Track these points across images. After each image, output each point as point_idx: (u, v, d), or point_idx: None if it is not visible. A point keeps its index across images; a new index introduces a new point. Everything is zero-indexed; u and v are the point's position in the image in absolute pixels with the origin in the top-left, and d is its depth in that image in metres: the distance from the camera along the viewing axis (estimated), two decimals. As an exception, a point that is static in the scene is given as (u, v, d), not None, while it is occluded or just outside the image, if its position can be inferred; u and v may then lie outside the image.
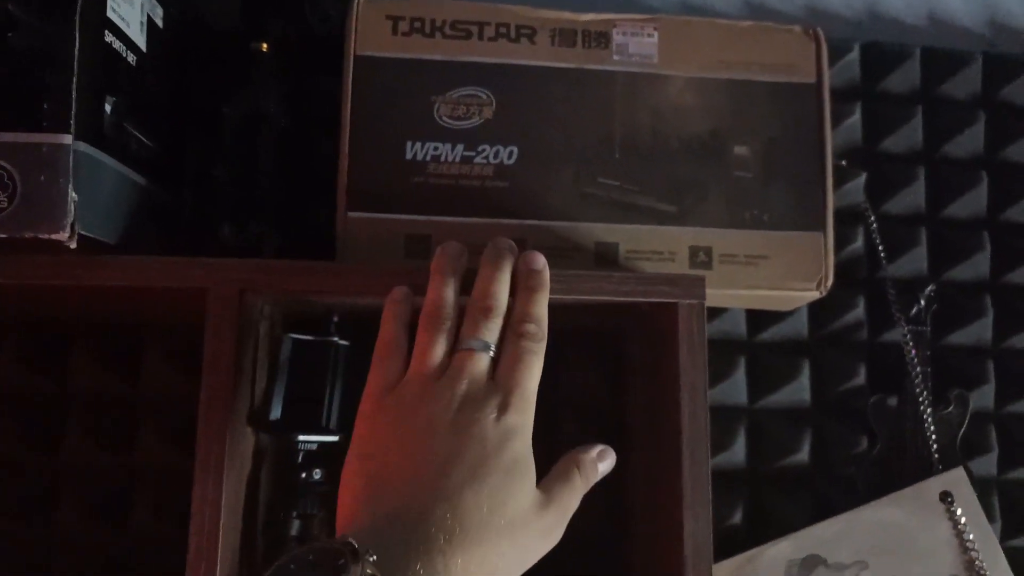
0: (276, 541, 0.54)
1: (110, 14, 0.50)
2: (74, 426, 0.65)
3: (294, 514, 0.54)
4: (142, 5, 0.55)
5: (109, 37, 0.51)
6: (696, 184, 0.61)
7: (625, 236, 0.60)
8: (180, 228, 0.61)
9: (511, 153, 0.60)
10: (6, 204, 0.45)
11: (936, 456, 0.67)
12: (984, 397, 0.71)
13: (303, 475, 0.54)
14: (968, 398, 0.69)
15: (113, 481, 0.64)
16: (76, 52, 0.46)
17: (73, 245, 0.47)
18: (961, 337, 0.72)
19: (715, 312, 0.70)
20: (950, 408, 0.69)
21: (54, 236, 0.46)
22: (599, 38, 0.62)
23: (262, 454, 0.57)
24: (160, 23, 0.59)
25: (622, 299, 0.53)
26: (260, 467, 0.57)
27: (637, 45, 0.62)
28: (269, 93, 0.61)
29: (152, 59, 0.57)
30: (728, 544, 0.65)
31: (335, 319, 0.56)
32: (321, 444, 0.55)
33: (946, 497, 0.65)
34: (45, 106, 0.46)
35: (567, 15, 0.62)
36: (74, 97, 0.46)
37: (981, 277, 0.73)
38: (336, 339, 0.56)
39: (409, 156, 0.59)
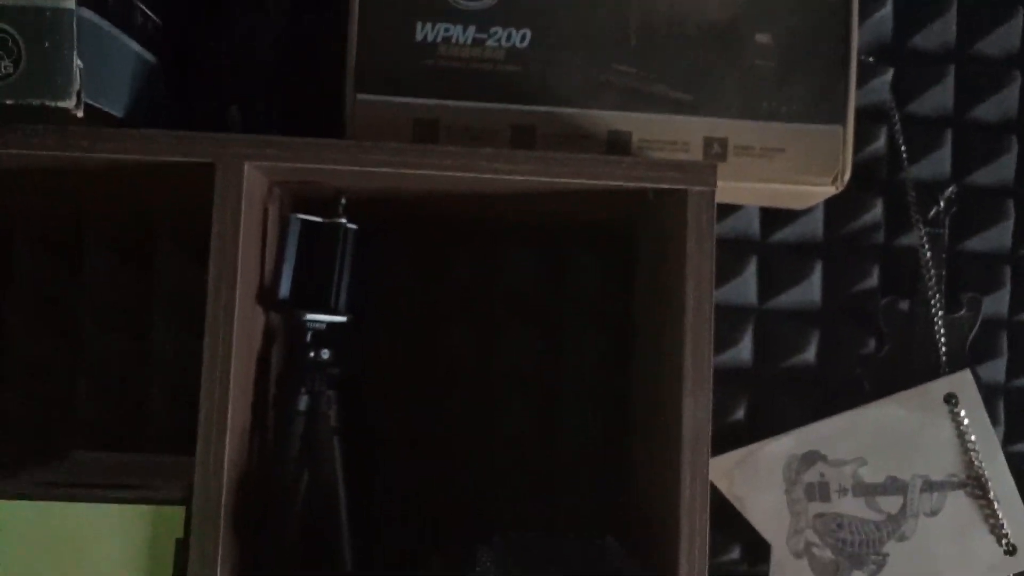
0: (286, 415, 0.55)
1: None
2: (90, 317, 0.66)
3: (303, 390, 0.55)
4: None
5: (111, -99, 0.49)
6: (713, 72, 0.59)
7: (638, 125, 0.58)
8: (186, 108, 0.61)
9: (524, 36, 0.58)
10: (12, 70, 0.45)
11: (944, 359, 0.67)
12: (998, 303, 0.70)
13: (311, 354, 0.55)
14: (981, 302, 0.68)
15: (129, 368, 0.66)
16: (77, -86, 0.45)
17: (80, 114, 0.47)
18: (979, 243, 0.71)
19: (728, 209, 0.69)
20: (962, 311, 0.68)
21: (60, 104, 0.46)
22: (619, -83, 0.59)
23: (272, 335, 0.58)
24: None
25: (631, 184, 0.52)
26: (270, 346, 0.58)
27: (658, -75, 0.59)
28: (276, -31, 0.60)
29: (157, -70, 0.55)
30: (730, 440, 0.66)
31: (343, 202, 0.56)
32: (329, 324, 0.56)
33: (951, 399, 0.65)
34: (47, -32, 0.45)
35: None
36: (76, -40, 0.45)
37: (1005, 181, 0.71)
38: (344, 221, 0.56)
39: (419, 37, 0.58)
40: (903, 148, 0.70)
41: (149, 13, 0.55)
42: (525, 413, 0.67)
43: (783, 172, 0.59)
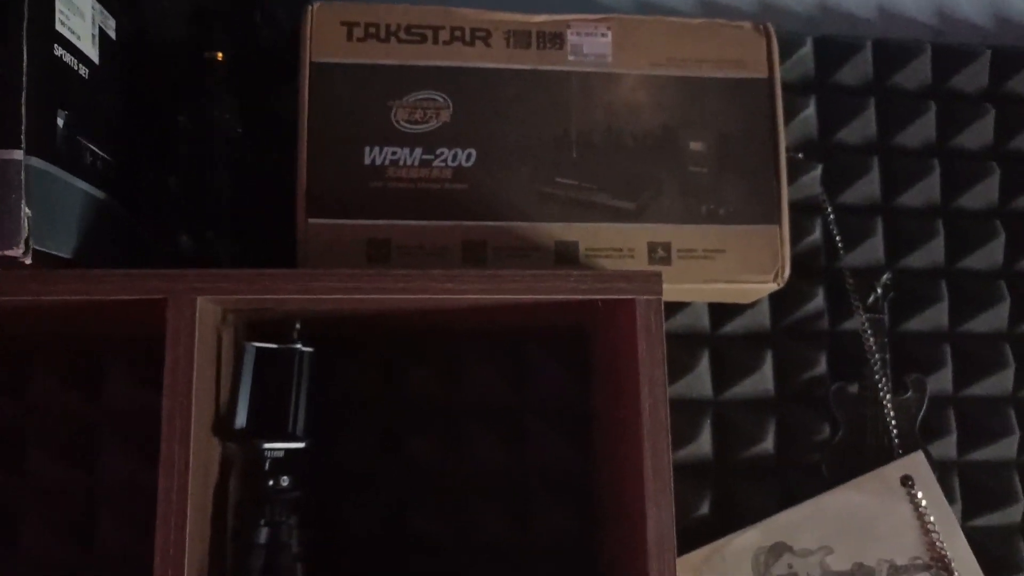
0: (245, 548, 0.54)
1: (59, 27, 0.50)
2: (36, 444, 0.64)
3: (262, 521, 0.54)
4: (93, 18, 0.55)
5: (59, 51, 0.51)
6: (652, 180, 0.62)
7: (584, 234, 0.60)
8: (137, 239, 0.61)
9: (469, 155, 0.60)
10: (-42, 221, 0.45)
11: (896, 441, 0.68)
12: (942, 381, 0.72)
13: (270, 482, 0.55)
14: (925, 383, 0.70)
15: (78, 498, 0.64)
16: (24, 67, 0.46)
17: (28, 261, 0.47)
18: (918, 323, 0.73)
19: (677, 306, 0.71)
20: (908, 393, 0.70)
21: (8, 252, 0.46)
22: (554, 39, 0.63)
23: (229, 462, 0.57)
24: (113, 35, 0.59)
25: (581, 296, 0.53)
26: (228, 475, 0.57)
27: (591, 45, 0.63)
28: (223, 102, 0.62)
29: (105, 71, 0.57)
30: (697, 535, 0.66)
31: (297, 326, 0.57)
32: (287, 451, 0.55)
33: (907, 480, 0.66)
34: (-5, 122, 0.46)
35: (520, 17, 0.63)
36: (24, 112, 0.46)
37: (936, 264, 0.75)
38: (299, 346, 0.56)
39: (368, 161, 0.59)
40: (838, 238, 0.73)
41: (98, 151, 0.56)
42: (495, 516, 0.66)
43: (726, 272, 0.61)
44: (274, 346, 0.56)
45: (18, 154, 0.46)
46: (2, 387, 0.64)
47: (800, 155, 0.74)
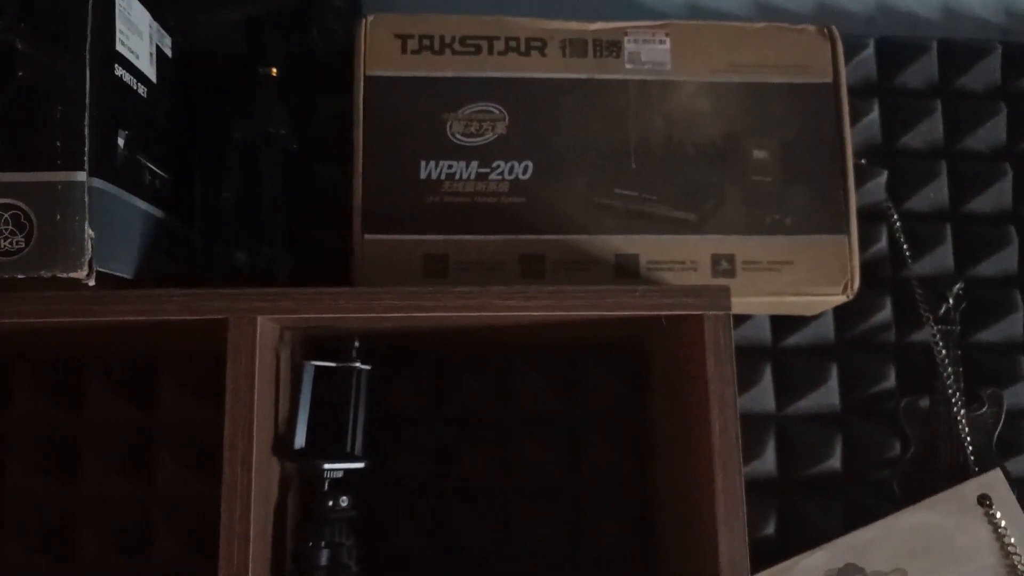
0: (306, 571, 0.53)
1: (119, 47, 0.50)
2: (92, 458, 0.64)
3: (322, 543, 0.53)
4: (151, 36, 0.55)
5: (119, 71, 0.50)
6: (714, 190, 0.60)
7: (645, 247, 0.59)
8: (194, 256, 0.61)
9: (526, 168, 0.59)
10: (24, 245, 0.45)
11: (972, 458, 0.66)
12: (1018, 395, 0.69)
13: (330, 503, 0.54)
14: (1002, 397, 0.67)
15: (134, 511, 0.64)
16: (87, 88, 0.46)
17: (91, 283, 0.47)
18: (991, 334, 0.70)
19: (738, 319, 0.68)
20: (984, 408, 0.67)
21: (72, 275, 0.46)
22: (611, 47, 0.61)
23: (287, 482, 0.57)
24: (169, 52, 0.59)
25: (646, 313, 0.52)
26: (286, 496, 0.56)
27: (649, 52, 0.61)
28: (278, 116, 0.61)
29: (162, 89, 0.57)
30: (762, 556, 0.64)
31: (356, 344, 0.56)
32: (347, 471, 0.54)
33: (984, 500, 0.63)
34: (58, 143, 0.46)
35: (576, 25, 0.61)
36: (87, 133, 0.46)
37: (1009, 272, 0.72)
38: (357, 364, 0.55)
39: (423, 175, 0.58)
40: (905, 246, 0.70)
41: (156, 170, 0.55)
42: (549, 530, 0.65)
43: (793, 284, 0.59)
44: (332, 364, 0.55)
45: (81, 176, 0.46)
46: (57, 399, 0.65)
47: (863, 161, 0.71)
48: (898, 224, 0.70)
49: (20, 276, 0.45)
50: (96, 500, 0.64)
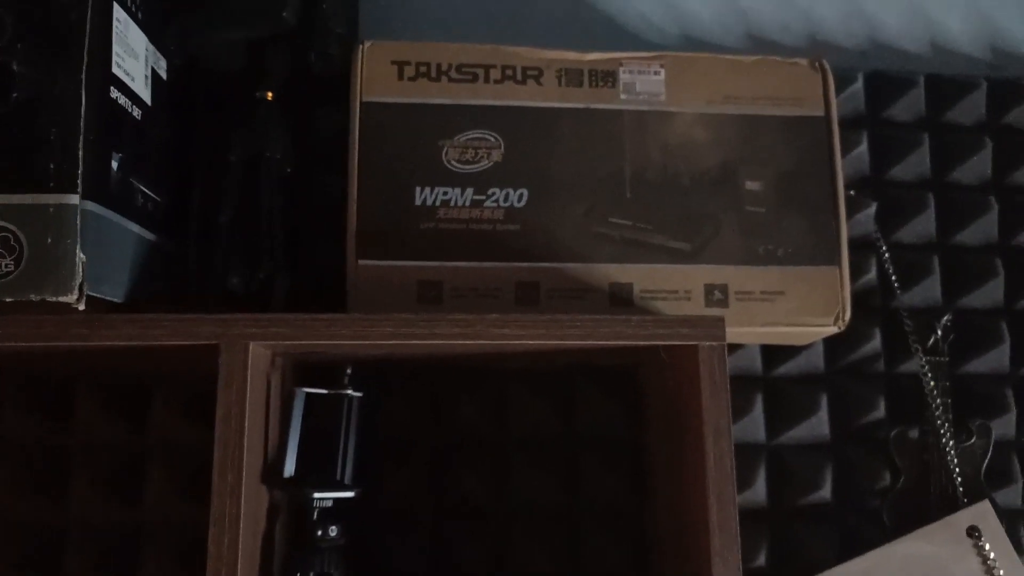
0: (293, 603, 0.52)
1: (115, 70, 0.50)
2: (81, 479, 0.63)
3: (311, 574, 0.52)
4: (146, 58, 0.55)
5: (115, 93, 0.50)
6: (709, 220, 0.60)
7: (639, 275, 0.59)
8: (187, 279, 0.60)
9: (521, 196, 0.59)
10: (13, 268, 0.45)
11: (960, 489, 0.66)
12: (1006, 426, 0.70)
13: (319, 532, 0.53)
14: (991, 428, 0.68)
15: (121, 534, 0.63)
16: (83, 110, 0.46)
17: (81, 307, 0.46)
18: (979, 365, 0.71)
19: (730, 348, 0.68)
20: (972, 439, 0.67)
21: (62, 299, 0.45)
22: (606, 77, 0.62)
23: (276, 510, 0.56)
24: (164, 75, 0.58)
25: (642, 343, 0.52)
26: (274, 524, 0.55)
27: (644, 83, 0.62)
28: (274, 141, 0.61)
29: (157, 112, 0.56)
30: (754, 586, 0.64)
31: (348, 371, 0.55)
32: (336, 500, 0.53)
33: (973, 531, 0.64)
34: (52, 166, 0.45)
35: (572, 55, 0.62)
36: (81, 156, 0.45)
37: (996, 304, 0.72)
38: (349, 391, 0.55)
39: (419, 202, 0.58)
40: (894, 277, 0.71)
41: (149, 193, 0.55)
42: (545, 554, 0.64)
43: (785, 315, 0.60)
44: (324, 391, 0.54)
45: (74, 198, 0.45)
46: (48, 422, 0.63)
47: (852, 192, 0.72)
48: (887, 255, 0.71)
49: (8, 299, 0.45)
50: (83, 522, 0.63)
